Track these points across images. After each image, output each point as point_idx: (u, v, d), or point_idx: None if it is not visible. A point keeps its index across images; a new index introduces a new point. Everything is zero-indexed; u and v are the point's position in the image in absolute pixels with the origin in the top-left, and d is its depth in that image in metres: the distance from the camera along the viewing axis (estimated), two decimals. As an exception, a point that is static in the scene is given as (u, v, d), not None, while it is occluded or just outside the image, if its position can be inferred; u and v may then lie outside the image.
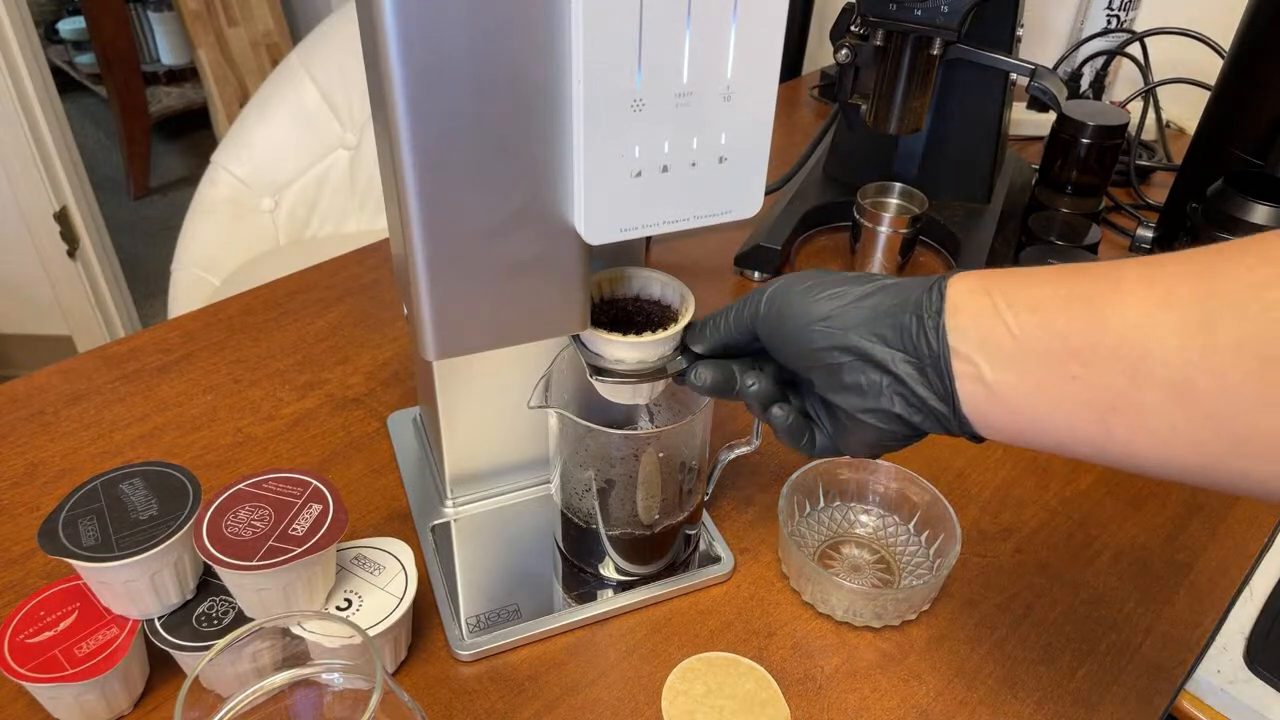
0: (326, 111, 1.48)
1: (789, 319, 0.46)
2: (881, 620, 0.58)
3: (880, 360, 0.43)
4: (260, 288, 0.89)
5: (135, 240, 2.57)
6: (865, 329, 0.44)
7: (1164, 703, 0.56)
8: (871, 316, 0.44)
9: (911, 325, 0.42)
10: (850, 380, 0.45)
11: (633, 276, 0.55)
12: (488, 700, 0.54)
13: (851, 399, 0.45)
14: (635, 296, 0.55)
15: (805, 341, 0.46)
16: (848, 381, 0.45)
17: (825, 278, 0.47)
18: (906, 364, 0.42)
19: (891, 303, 0.43)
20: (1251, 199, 0.69)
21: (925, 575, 0.60)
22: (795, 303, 0.46)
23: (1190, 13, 1.08)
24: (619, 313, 0.54)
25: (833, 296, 0.45)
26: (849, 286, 0.45)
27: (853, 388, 0.45)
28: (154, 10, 2.82)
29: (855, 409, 0.45)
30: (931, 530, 0.62)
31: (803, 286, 0.46)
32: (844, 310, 0.44)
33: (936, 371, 0.41)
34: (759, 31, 0.45)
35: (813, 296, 0.46)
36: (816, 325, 0.45)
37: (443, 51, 0.41)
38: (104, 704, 0.51)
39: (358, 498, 0.67)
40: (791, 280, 0.47)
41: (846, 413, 0.46)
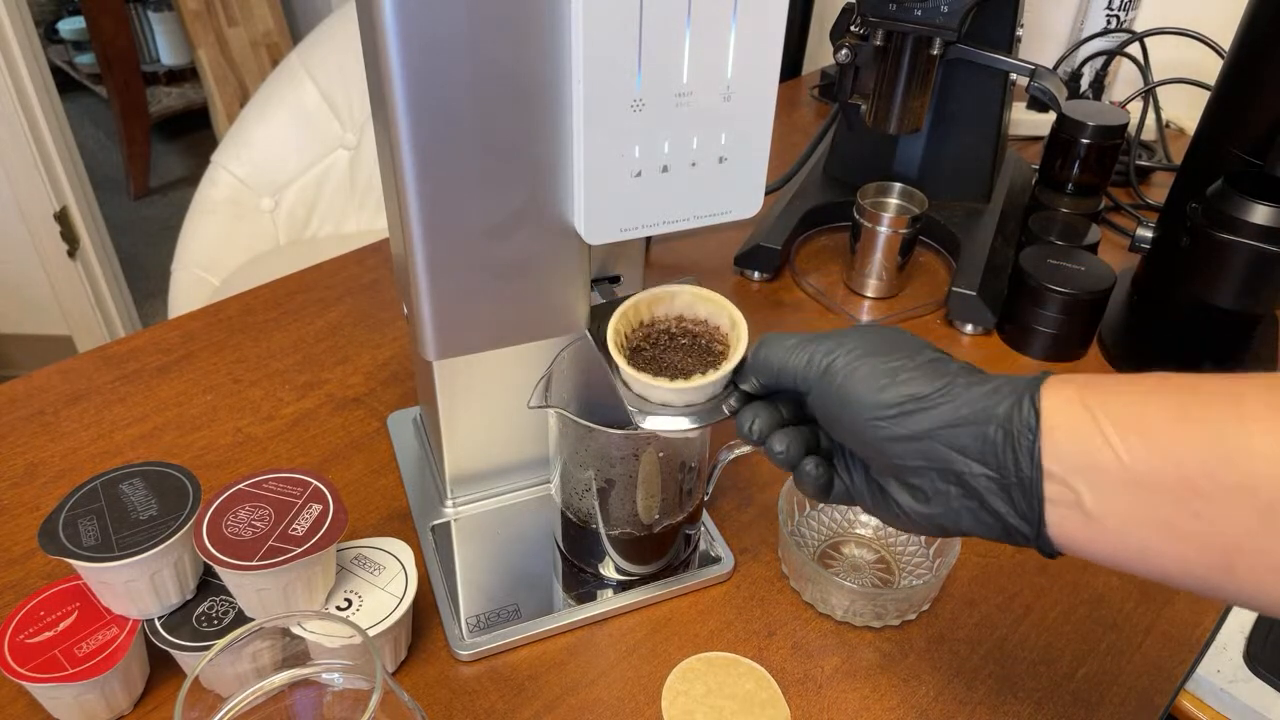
0: (326, 111, 1.48)
1: (849, 404, 0.41)
2: (881, 620, 0.58)
3: (957, 472, 0.39)
4: (260, 288, 0.89)
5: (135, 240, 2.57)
6: (942, 435, 0.39)
7: (1164, 703, 0.56)
8: (950, 420, 0.39)
9: (998, 439, 0.38)
10: (915, 482, 0.41)
11: (675, 296, 0.51)
12: (488, 700, 0.54)
13: (910, 500, 0.41)
14: (679, 317, 0.52)
15: (868, 431, 0.41)
16: (912, 482, 0.41)
17: (891, 356, 0.41)
18: (987, 479, 0.38)
19: (974, 410, 0.39)
20: (1251, 199, 0.69)
21: (925, 575, 0.60)
22: (858, 386, 0.41)
23: (1190, 13, 1.08)
24: (660, 338, 0.51)
25: (902, 383, 0.40)
26: (920, 375, 0.40)
27: (916, 489, 0.41)
28: (154, 10, 2.82)
29: (911, 509, 0.42)
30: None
31: (867, 369, 0.41)
32: (917, 407, 0.40)
33: (1024, 492, 0.37)
34: (759, 31, 0.45)
35: (878, 382, 0.41)
36: (882, 419, 0.40)
37: (443, 51, 0.41)
38: (104, 704, 0.51)
39: (358, 498, 0.67)
40: (852, 357, 0.42)
41: (897, 503, 0.42)
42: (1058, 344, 0.82)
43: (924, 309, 0.88)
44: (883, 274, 0.88)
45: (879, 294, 0.89)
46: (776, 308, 0.89)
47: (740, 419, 0.47)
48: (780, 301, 0.89)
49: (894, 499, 0.42)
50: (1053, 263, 0.81)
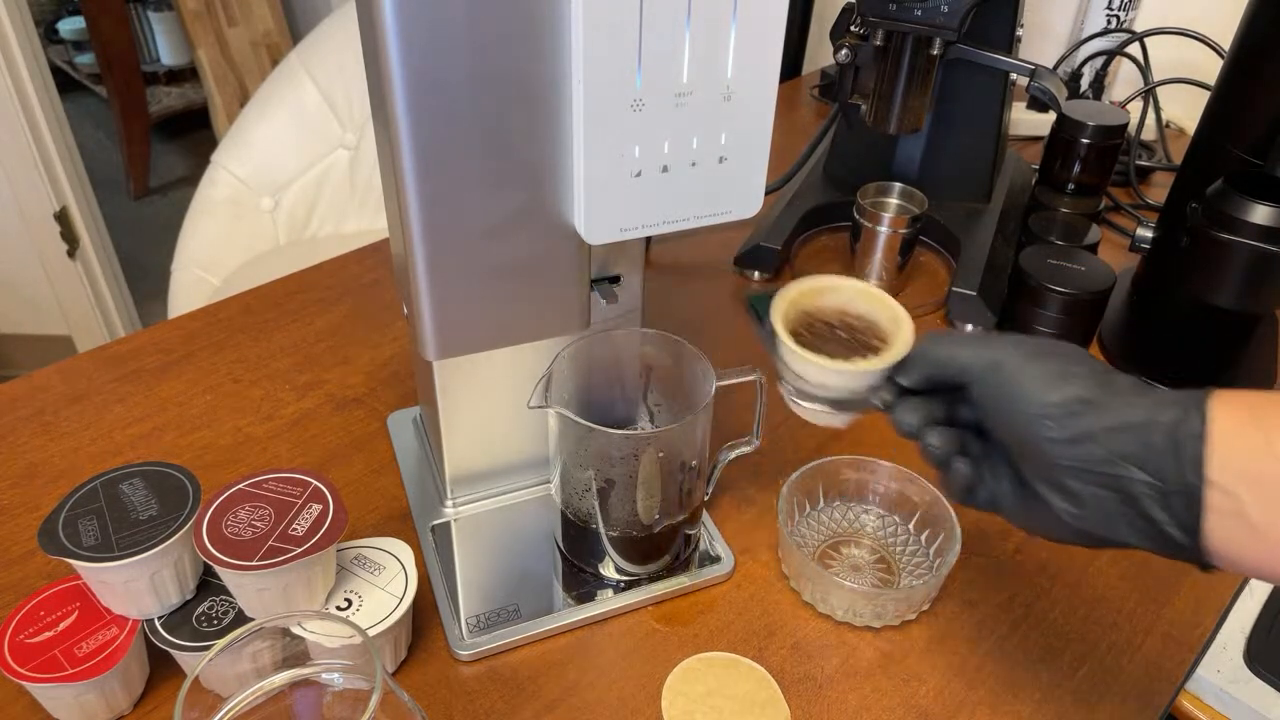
0: (326, 111, 1.48)
1: (1017, 400, 0.42)
2: (881, 620, 0.58)
3: (1116, 475, 0.39)
4: (260, 288, 0.89)
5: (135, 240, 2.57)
6: (1106, 438, 0.39)
7: (1164, 702, 0.56)
8: (1116, 424, 0.39)
9: (1162, 445, 0.38)
10: (1072, 485, 0.41)
11: (838, 289, 0.52)
12: (488, 700, 0.54)
13: (1065, 504, 0.41)
14: (840, 310, 0.52)
15: (1033, 428, 0.41)
16: (1068, 485, 0.41)
17: (1061, 360, 0.42)
18: (1147, 485, 0.38)
19: (1140, 416, 0.39)
20: (1251, 199, 0.69)
21: (925, 575, 0.60)
22: (1024, 384, 0.42)
23: (1190, 13, 1.08)
24: (820, 328, 0.51)
25: (1072, 385, 0.41)
26: (1090, 380, 0.41)
27: (1071, 493, 0.41)
28: (154, 10, 2.82)
29: (1064, 512, 0.42)
30: (932, 530, 0.62)
31: (1037, 368, 0.42)
32: (1084, 409, 0.40)
33: (1185, 501, 0.38)
34: (759, 31, 0.45)
35: (1048, 381, 0.41)
36: (1049, 417, 0.41)
37: (443, 51, 0.41)
38: (104, 704, 0.51)
39: (358, 498, 0.67)
40: (1022, 355, 0.43)
41: (1049, 506, 0.42)
42: (1058, 344, 0.82)
43: (924, 309, 0.88)
44: (883, 274, 0.88)
45: (879, 294, 0.89)
46: (776, 308, 0.88)
47: (897, 411, 0.48)
48: (780, 301, 0.89)
49: (1046, 502, 0.42)
50: (1053, 263, 0.81)
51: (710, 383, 0.55)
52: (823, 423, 0.52)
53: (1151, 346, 0.82)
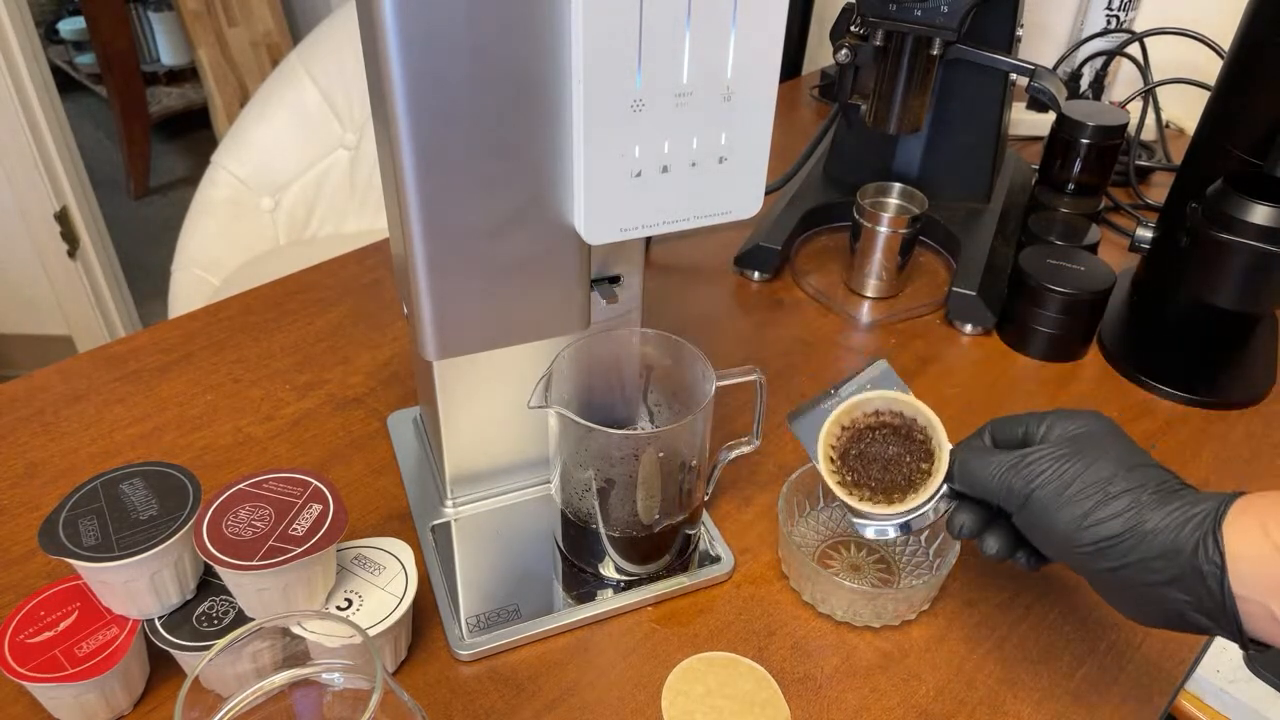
0: (326, 111, 1.48)
1: (1050, 539, 0.47)
2: (881, 620, 0.58)
3: (1157, 595, 0.44)
4: (260, 288, 0.89)
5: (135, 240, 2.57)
6: (1139, 568, 0.44)
7: (1164, 703, 0.56)
8: (1143, 557, 0.43)
9: (1188, 573, 0.42)
10: (1123, 597, 0.46)
11: (869, 400, 0.55)
12: (488, 700, 0.54)
13: (1121, 606, 0.47)
14: (876, 413, 0.55)
15: (1070, 560, 0.46)
16: (1120, 596, 0.46)
17: (1087, 489, 0.45)
18: (1184, 602, 0.43)
19: (1164, 547, 0.43)
20: (1251, 199, 0.69)
21: (925, 575, 0.60)
22: (1056, 525, 0.46)
23: (1190, 13, 1.08)
24: (865, 434, 0.55)
25: (1096, 524, 0.44)
26: (1114, 512, 0.44)
27: (1124, 601, 0.46)
28: (154, 10, 2.82)
29: (1123, 612, 0.47)
30: (932, 530, 0.62)
31: (1065, 511, 0.45)
32: (1111, 546, 0.44)
33: (1219, 611, 0.42)
34: (759, 31, 0.45)
35: (1075, 523, 0.45)
36: (1081, 554, 0.45)
37: (443, 51, 0.41)
38: (104, 704, 0.51)
39: (358, 498, 0.67)
40: (1049, 492, 0.46)
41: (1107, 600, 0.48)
42: (1058, 344, 0.82)
43: (924, 309, 0.88)
44: (883, 274, 0.88)
45: (879, 294, 0.89)
46: (776, 308, 0.89)
47: (951, 522, 0.52)
48: (780, 301, 0.89)
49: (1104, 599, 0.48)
50: (1053, 263, 0.81)
51: (710, 383, 0.55)
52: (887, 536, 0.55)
53: (1151, 346, 0.82)
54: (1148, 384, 0.79)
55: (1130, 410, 0.77)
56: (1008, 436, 0.51)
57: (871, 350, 0.84)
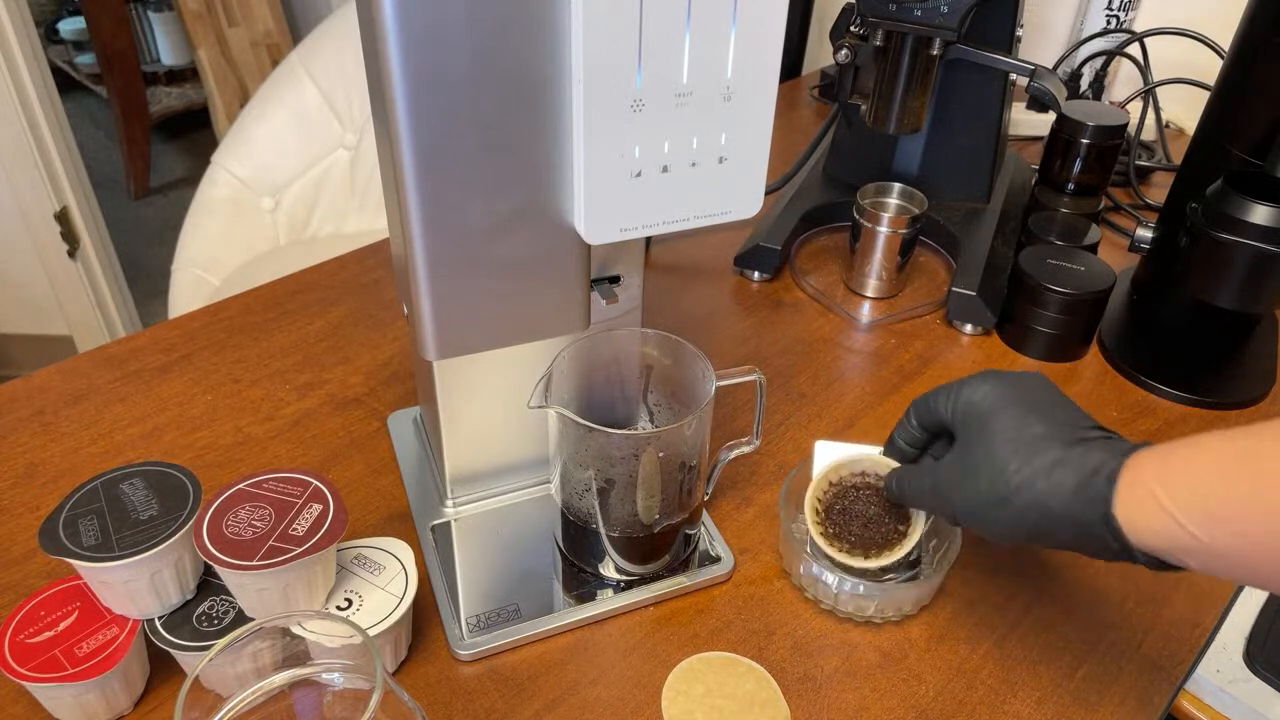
0: (326, 111, 1.48)
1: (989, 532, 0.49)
2: (882, 615, 0.58)
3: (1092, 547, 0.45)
4: (260, 288, 0.89)
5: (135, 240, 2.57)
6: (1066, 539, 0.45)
7: (1164, 702, 0.56)
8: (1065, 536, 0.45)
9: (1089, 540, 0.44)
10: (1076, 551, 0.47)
11: (858, 461, 0.59)
12: (488, 700, 0.54)
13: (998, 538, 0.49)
14: (862, 473, 0.59)
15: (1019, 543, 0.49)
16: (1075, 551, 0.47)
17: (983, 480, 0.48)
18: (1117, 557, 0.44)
19: (1073, 524, 0.44)
20: (1251, 199, 0.69)
21: (926, 570, 0.60)
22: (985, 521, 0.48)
23: (1190, 13, 1.08)
24: (849, 491, 0.59)
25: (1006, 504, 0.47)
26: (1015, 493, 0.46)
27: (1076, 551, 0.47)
28: (154, 10, 2.82)
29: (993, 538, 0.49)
30: (932, 527, 0.62)
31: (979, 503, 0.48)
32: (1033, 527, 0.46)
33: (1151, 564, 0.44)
34: (759, 31, 0.45)
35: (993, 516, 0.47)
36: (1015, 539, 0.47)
37: (443, 51, 0.41)
38: (104, 704, 0.51)
39: (358, 498, 0.67)
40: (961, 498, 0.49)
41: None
42: (1057, 344, 0.82)
43: (924, 309, 0.88)
44: (883, 274, 0.88)
45: (879, 294, 0.89)
46: (776, 308, 0.89)
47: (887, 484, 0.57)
48: (780, 301, 0.89)
49: None
50: (1052, 263, 0.81)
51: (710, 383, 0.55)
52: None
53: (1151, 346, 0.82)
54: (1148, 384, 0.79)
55: (1130, 410, 0.77)
56: (927, 418, 0.54)
57: (872, 350, 0.84)
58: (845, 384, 0.79)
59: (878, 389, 0.79)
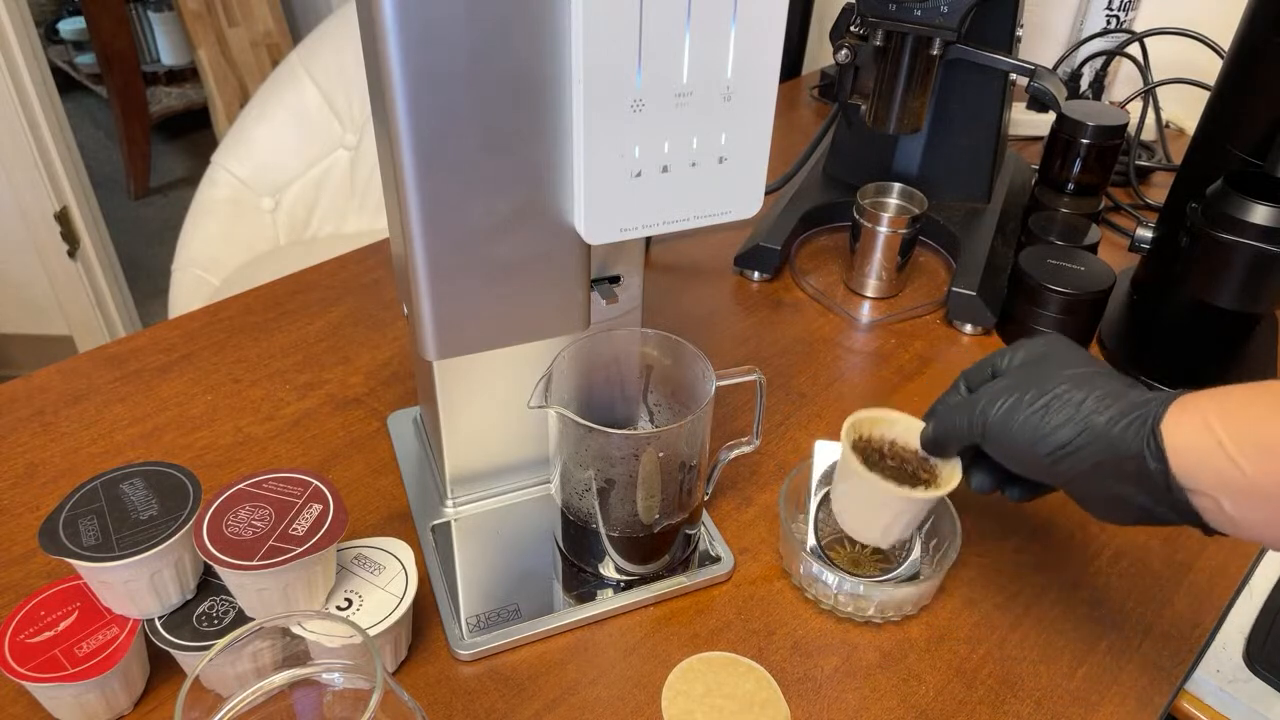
0: (326, 111, 1.48)
1: (1013, 457, 0.49)
2: (883, 615, 0.58)
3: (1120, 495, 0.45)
4: (260, 288, 0.89)
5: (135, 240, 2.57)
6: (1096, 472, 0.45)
7: (1164, 702, 0.56)
8: (1096, 460, 0.45)
9: (1139, 473, 0.43)
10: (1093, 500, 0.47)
11: (894, 422, 0.57)
12: (488, 700, 0.54)
13: (1093, 510, 0.48)
14: (892, 442, 0.57)
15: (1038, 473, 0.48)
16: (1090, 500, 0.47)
17: (1038, 394, 0.47)
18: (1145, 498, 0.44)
19: (1112, 449, 0.44)
20: (1251, 199, 0.69)
21: (926, 570, 0.60)
22: (1014, 442, 0.48)
23: (1190, 13, 1.08)
24: (872, 455, 0.57)
25: (1049, 431, 0.46)
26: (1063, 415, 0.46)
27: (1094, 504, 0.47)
28: (154, 10, 2.82)
29: (1096, 515, 0.48)
30: (932, 526, 0.62)
31: (1018, 423, 0.47)
32: (1065, 454, 0.46)
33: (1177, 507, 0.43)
34: (759, 31, 0.45)
35: (1028, 436, 0.47)
36: (1043, 467, 0.47)
37: (443, 51, 0.41)
38: (104, 704, 0.51)
39: (358, 498, 0.67)
40: (1001, 411, 0.48)
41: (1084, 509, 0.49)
42: (1058, 344, 0.82)
43: (924, 309, 0.88)
44: (882, 274, 0.88)
45: (879, 294, 0.89)
46: (776, 308, 0.89)
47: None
48: (780, 301, 0.89)
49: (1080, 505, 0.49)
50: (1053, 263, 0.81)
51: (710, 383, 0.55)
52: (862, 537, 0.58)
53: (1151, 346, 0.82)
54: (1148, 384, 0.79)
55: (1130, 410, 0.77)
56: (979, 380, 0.54)
57: (872, 350, 0.84)
58: (845, 384, 0.79)
59: (878, 389, 0.79)
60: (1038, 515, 0.67)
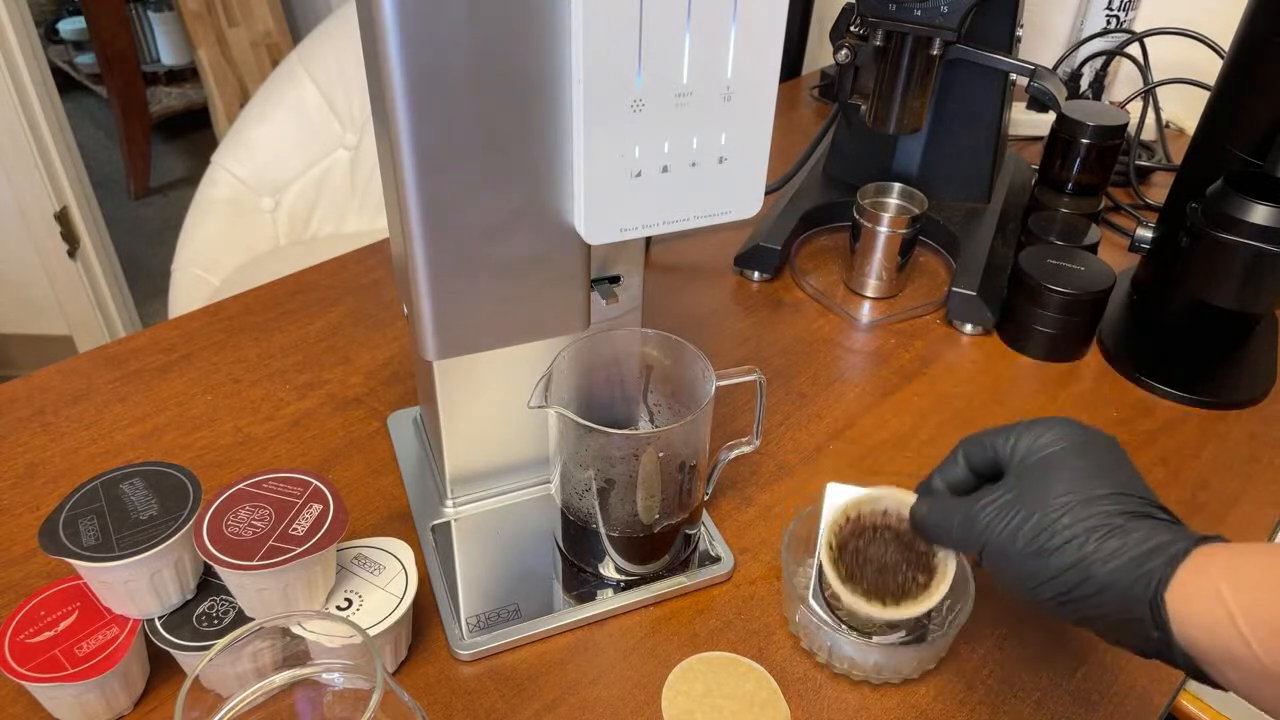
0: (326, 111, 1.48)
1: (1014, 585, 0.45)
2: (879, 677, 0.55)
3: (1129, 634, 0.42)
4: (260, 288, 0.89)
5: (135, 240, 2.57)
6: (1102, 618, 0.42)
7: (1164, 702, 0.56)
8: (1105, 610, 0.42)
9: (1138, 631, 0.41)
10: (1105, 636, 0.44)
11: (882, 498, 0.54)
12: (488, 700, 0.54)
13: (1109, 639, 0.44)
14: (884, 512, 0.54)
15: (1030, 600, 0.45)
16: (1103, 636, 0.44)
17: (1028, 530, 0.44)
18: (1152, 651, 0.41)
19: (1117, 599, 0.41)
20: (1251, 199, 0.69)
21: (936, 631, 0.57)
22: (1013, 573, 0.44)
23: (1190, 13, 1.08)
24: (866, 532, 0.54)
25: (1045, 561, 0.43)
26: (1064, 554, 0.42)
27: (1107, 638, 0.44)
28: (154, 10, 2.82)
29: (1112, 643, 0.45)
30: None
31: (1013, 553, 0.44)
32: (1069, 593, 0.42)
33: (1186, 668, 0.40)
34: (759, 31, 0.45)
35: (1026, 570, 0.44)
36: (1044, 602, 0.44)
37: (443, 51, 0.41)
38: (104, 704, 0.51)
39: (358, 498, 0.67)
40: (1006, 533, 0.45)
41: None
42: (1057, 344, 0.82)
43: (924, 309, 0.88)
44: (883, 274, 0.88)
45: (879, 294, 0.89)
46: (776, 308, 0.89)
47: None
48: (780, 301, 0.89)
49: None
50: (1052, 263, 0.81)
51: (710, 383, 0.55)
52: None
53: (1151, 346, 0.82)
54: (1148, 384, 0.79)
55: (1130, 410, 0.77)
56: (980, 458, 0.50)
57: (872, 350, 0.84)
58: (845, 384, 0.79)
59: (878, 389, 0.79)
60: (1038, 515, 0.67)
